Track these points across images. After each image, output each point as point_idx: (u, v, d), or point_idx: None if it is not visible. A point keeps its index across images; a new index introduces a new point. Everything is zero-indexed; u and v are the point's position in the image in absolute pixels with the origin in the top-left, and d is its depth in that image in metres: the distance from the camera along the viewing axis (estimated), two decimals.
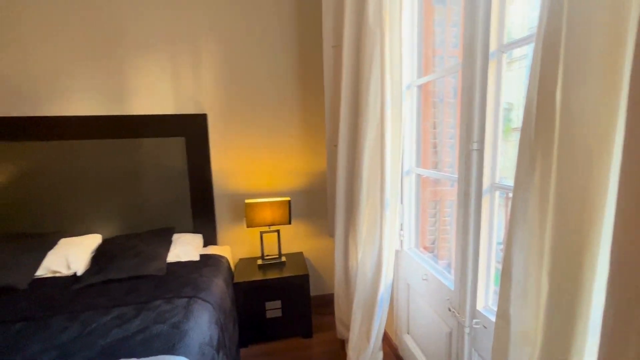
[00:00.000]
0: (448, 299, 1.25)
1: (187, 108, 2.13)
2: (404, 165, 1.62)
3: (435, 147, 1.74)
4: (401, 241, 1.70)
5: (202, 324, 1.33)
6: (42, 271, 1.72)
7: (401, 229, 1.68)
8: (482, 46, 1.00)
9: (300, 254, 2.34)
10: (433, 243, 1.83)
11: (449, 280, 1.31)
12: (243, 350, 1.96)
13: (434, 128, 1.71)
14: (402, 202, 1.66)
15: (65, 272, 1.75)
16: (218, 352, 1.36)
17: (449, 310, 1.21)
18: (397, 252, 1.71)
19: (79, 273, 1.74)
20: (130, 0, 1.98)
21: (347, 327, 1.81)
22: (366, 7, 1.42)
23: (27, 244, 1.78)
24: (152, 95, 2.08)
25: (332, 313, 2.13)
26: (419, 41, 1.55)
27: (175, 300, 1.44)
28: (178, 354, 1.09)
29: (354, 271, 1.65)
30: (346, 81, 1.60)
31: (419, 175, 1.64)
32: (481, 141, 1.02)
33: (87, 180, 2.01)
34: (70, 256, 1.79)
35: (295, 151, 2.28)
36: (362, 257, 1.59)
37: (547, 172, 0.58)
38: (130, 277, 1.66)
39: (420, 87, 1.58)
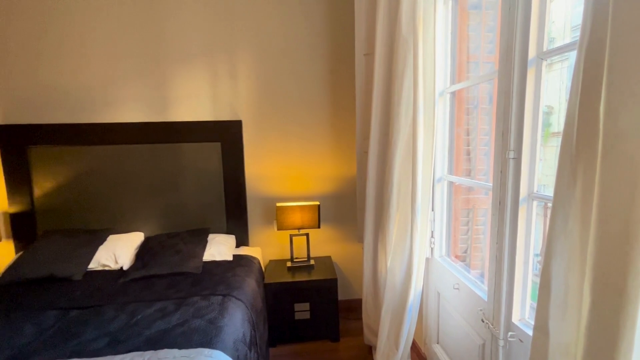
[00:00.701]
0: (481, 310, 1.22)
1: (224, 115, 2.24)
2: (436, 172, 1.61)
3: (468, 154, 1.71)
4: (432, 249, 1.68)
5: (236, 322, 1.39)
6: (94, 264, 1.88)
7: (432, 237, 1.66)
8: (521, 53, 0.98)
9: (329, 258, 2.37)
10: (465, 252, 1.79)
11: (482, 290, 1.29)
12: (272, 350, 2.01)
13: (468, 135, 1.69)
14: (433, 210, 1.64)
15: (113, 266, 1.90)
16: (250, 350, 1.42)
17: (482, 321, 1.18)
18: (427, 259, 1.69)
19: (125, 267, 1.89)
20: (174, 18, 2.13)
21: (375, 333, 1.81)
22: (399, 16, 1.44)
23: (82, 239, 1.95)
24: (192, 103, 2.21)
25: (359, 318, 2.13)
26: (453, 47, 1.54)
27: (211, 297, 1.52)
28: (215, 348, 1.16)
29: (383, 277, 1.66)
30: (378, 89, 1.62)
31: (451, 183, 1.62)
32: (518, 149, 1.01)
33: (133, 181, 2.18)
34: (118, 251, 1.94)
35: (326, 157, 2.32)
36: (392, 264, 1.59)
37: (589, 186, 0.57)
38: (170, 274, 1.77)
39: (453, 93, 1.57)
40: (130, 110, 2.18)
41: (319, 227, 2.18)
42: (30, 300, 1.55)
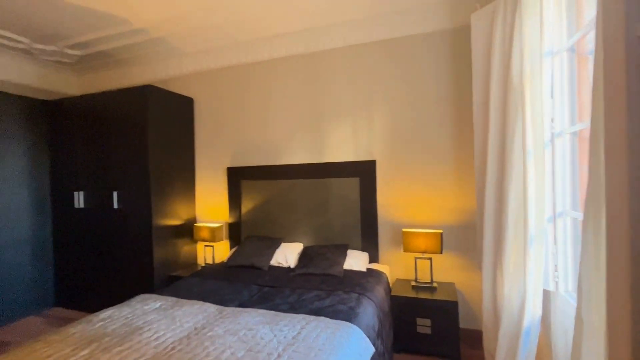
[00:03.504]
0: None
1: (362, 156, 2.87)
2: (557, 207, 1.69)
3: None
4: (556, 282, 1.71)
5: (369, 313, 1.87)
6: (274, 262, 2.75)
7: (555, 270, 1.71)
8: None
9: (452, 284, 2.55)
10: None
11: None
12: (396, 356, 2.34)
13: None
14: (555, 244, 1.70)
15: (284, 264, 2.72)
16: (377, 338, 1.85)
17: None
18: (551, 293, 1.73)
19: (292, 266, 2.68)
20: (329, 89, 2.96)
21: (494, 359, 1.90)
22: (511, 69, 1.71)
23: (267, 243, 2.89)
24: (339, 148, 2.95)
25: (482, 348, 2.21)
26: (572, 91, 1.66)
27: (350, 293, 2.06)
28: (354, 324, 1.66)
29: (500, 303, 1.80)
30: (493, 133, 1.87)
31: (575, 219, 1.65)
32: None
33: (297, 205, 3.04)
34: (287, 254, 2.77)
35: (448, 190, 2.60)
36: (508, 292, 1.73)
37: None
38: (322, 274, 2.42)
39: (575, 133, 1.65)
40: (298, 155, 3.10)
41: (441, 253, 2.44)
42: (242, 276, 2.49)
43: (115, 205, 3.04)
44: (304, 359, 1.32)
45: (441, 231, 2.47)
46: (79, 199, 3.21)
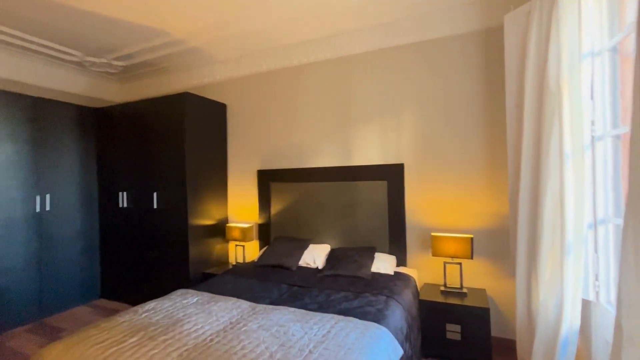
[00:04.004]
0: None
1: (389, 159, 2.88)
2: (598, 213, 1.62)
3: None
4: (596, 292, 1.64)
5: (397, 316, 1.88)
6: (302, 262, 2.82)
7: (596, 279, 1.63)
8: None
9: (483, 290, 2.49)
10: None
11: None
12: None
13: None
14: (596, 252, 1.63)
15: (312, 265, 2.79)
16: (406, 341, 1.85)
17: None
18: (591, 303, 1.66)
19: (320, 267, 2.73)
20: (356, 92, 3.00)
21: None
22: (547, 71, 1.66)
23: (295, 244, 2.96)
24: (366, 151, 2.97)
25: (514, 356, 2.15)
26: (614, 93, 1.59)
27: (378, 295, 2.08)
28: (383, 326, 1.68)
29: (535, 312, 1.75)
30: (527, 136, 1.83)
31: (618, 226, 1.58)
32: None
33: (325, 208, 3.09)
34: (315, 256, 2.83)
35: (479, 194, 2.54)
36: (544, 299, 1.68)
37: None
38: (349, 276, 2.46)
39: (617, 136, 1.58)
40: (326, 158, 3.16)
41: (471, 258, 2.39)
42: (272, 276, 2.58)
43: (155, 206, 3.25)
44: (335, 356, 1.37)
45: (471, 236, 2.42)
46: (123, 199, 3.46)
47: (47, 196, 3.19)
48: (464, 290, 2.44)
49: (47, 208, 3.18)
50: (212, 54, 3.50)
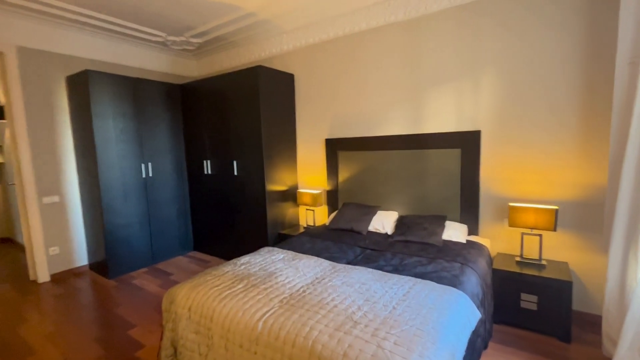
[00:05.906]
0: None
1: (464, 126, 2.75)
2: None
3: None
4: None
5: (472, 282, 1.94)
6: (371, 227, 2.96)
7: None
8: None
9: (565, 264, 2.38)
10: None
11: None
12: (496, 326, 2.37)
13: None
14: None
15: (381, 231, 2.91)
16: (481, 307, 1.92)
17: None
18: None
19: (389, 233, 2.85)
20: (427, 55, 2.84)
21: (615, 344, 1.80)
22: None
23: (364, 210, 3.10)
24: (439, 118, 2.87)
25: (597, 332, 2.09)
26: None
27: (452, 262, 2.14)
28: (460, 290, 1.76)
29: (631, 288, 1.66)
30: None
31: None
32: None
33: (393, 175, 3.13)
34: (384, 222, 2.94)
35: (568, 162, 2.34)
36: None
37: None
38: (420, 242, 2.54)
39: None
40: (394, 126, 3.13)
41: (554, 230, 2.28)
42: (345, 238, 2.77)
43: (235, 173, 3.61)
44: (417, 313, 1.50)
45: (557, 207, 2.29)
46: (207, 167, 3.89)
47: (149, 164, 3.73)
48: (543, 262, 2.36)
49: (150, 175, 3.74)
50: (280, 25, 3.56)
